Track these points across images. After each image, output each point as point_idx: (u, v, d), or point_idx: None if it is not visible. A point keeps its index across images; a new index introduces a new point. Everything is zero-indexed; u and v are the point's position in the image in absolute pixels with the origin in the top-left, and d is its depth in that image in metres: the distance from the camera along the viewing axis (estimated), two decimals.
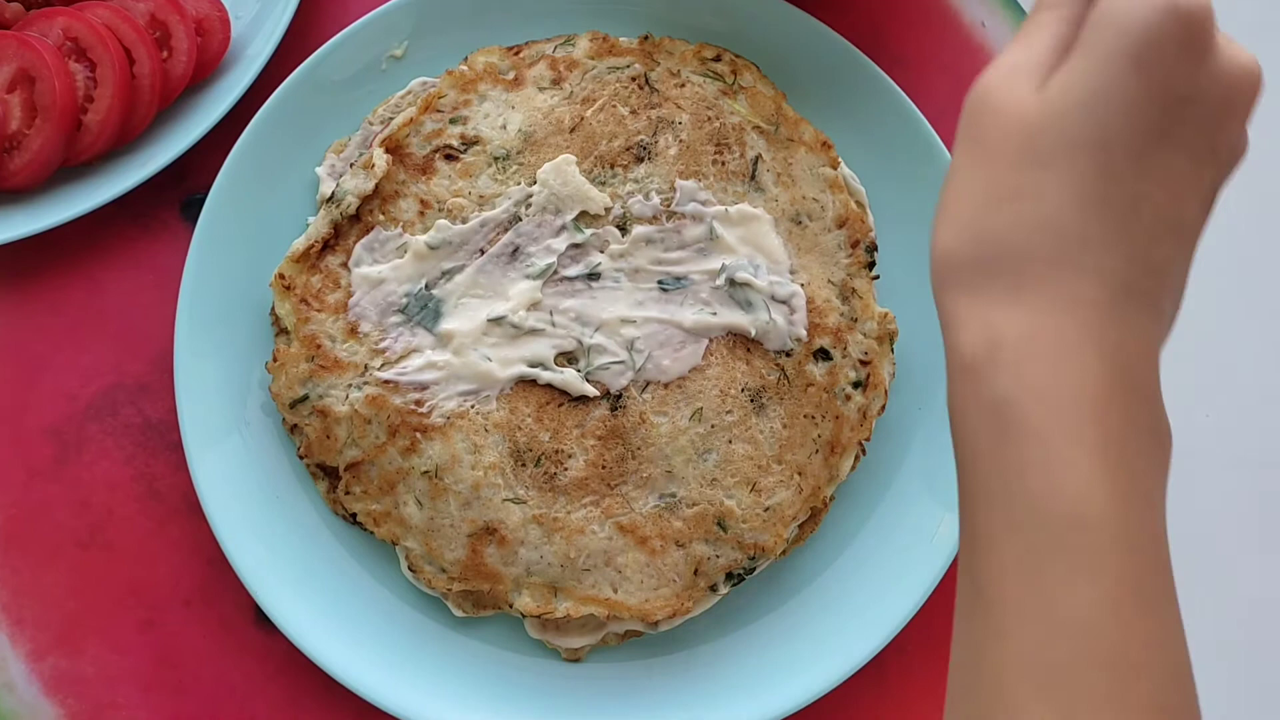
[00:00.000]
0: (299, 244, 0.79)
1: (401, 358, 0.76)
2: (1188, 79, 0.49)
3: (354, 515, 0.78)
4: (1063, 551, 0.46)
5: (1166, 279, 0.51)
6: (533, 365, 0.76)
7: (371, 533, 0.77)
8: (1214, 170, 0.52)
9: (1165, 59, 0.48)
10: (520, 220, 0.78)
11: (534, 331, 0.76)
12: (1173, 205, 0.50)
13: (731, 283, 0.77)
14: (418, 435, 0.75)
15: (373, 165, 0.78)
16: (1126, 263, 0.49)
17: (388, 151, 0.78)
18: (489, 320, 0.76)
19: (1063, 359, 0.48)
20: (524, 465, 0.76)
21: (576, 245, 0.78)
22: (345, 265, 0.78)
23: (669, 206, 0.78)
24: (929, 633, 0.82)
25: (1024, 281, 0.49)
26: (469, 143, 0.79)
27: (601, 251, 0.78)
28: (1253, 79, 0.51)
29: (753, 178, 0.80)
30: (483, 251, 0.77)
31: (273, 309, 0.79)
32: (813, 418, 0.78)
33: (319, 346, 0.77)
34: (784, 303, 0.78)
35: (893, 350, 0.81)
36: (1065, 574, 0.46)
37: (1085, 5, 0.52)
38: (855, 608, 0.80)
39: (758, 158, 0.80)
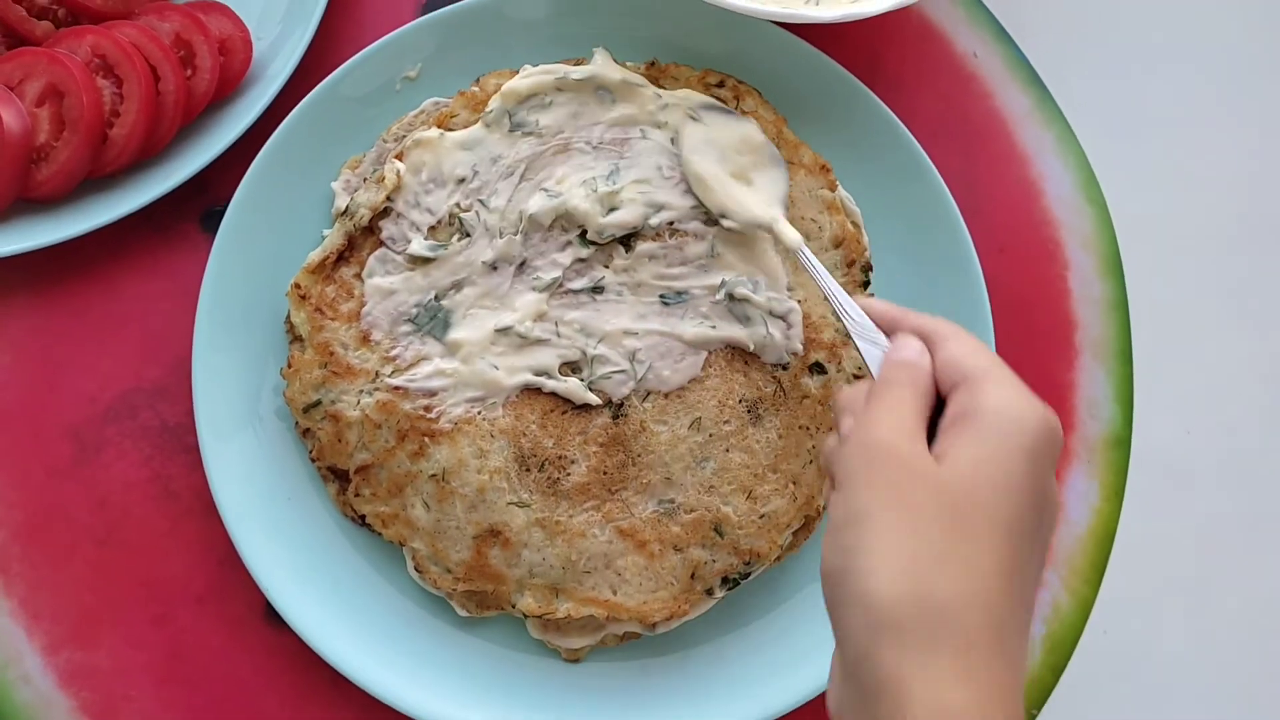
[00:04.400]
0: (314, 256, 0.82)
1: (411, 365, 0.79)
2: (1051, 483, 0.57)
3: (363, 517, 0.81)
4: None
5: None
6: (538, 374, 0.79)
7: (380, 534, 0.80)
8: (1044, 565, 0.58)
9: (1044, 461, 0.56)
10: (528, 236, 0.80)
11: (539, 341, 0.79)
12: (1030, 591, 0.56)
13: (731, 297, 0.80)
14: (426, 440, 0.78)
15: (385, 179, 0.81)
16: (1023, 643, 0.55)
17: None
18: (496, 330, 0.79)
19: None
20: (528, 470, 0.78)
21: (582, 260, 0.81)
22: (358, 276, 0.81)
23: (672, 224, 0.81)
24: None
25: (970, 661, 0.51)
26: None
27: (606, 266, 0.81)
28: (1059, 506, 0.61)
29: None
30: (493, 267, 0.80)
31: (288, 317, 0.82)
32: (807, 429, 0.81)
33: (332, 354, 0.80)
34: (781, 318, 0.81)
35: None
36: None
37: (926, 390, 0.59)
38: None
39: None
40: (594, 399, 0.79)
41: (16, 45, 0.87)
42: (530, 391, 0.79)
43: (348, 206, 0.82)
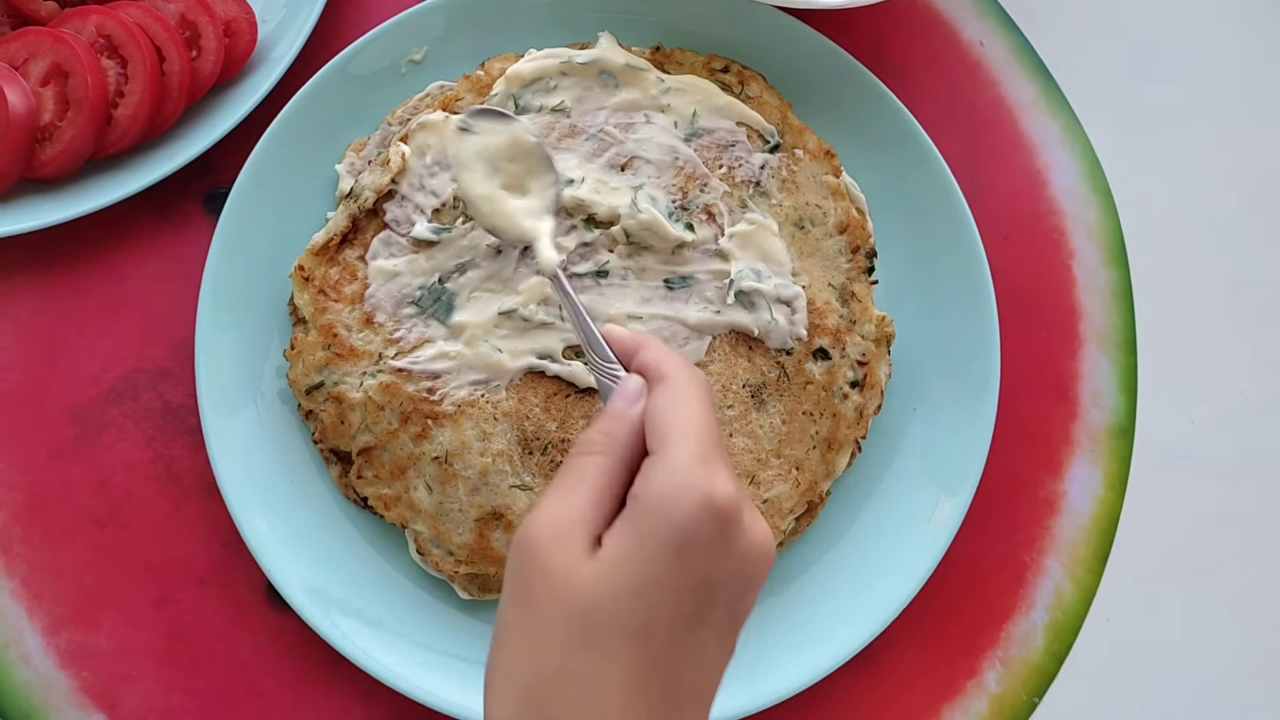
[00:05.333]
0: (318, 237, 0.81)
1: (415, 347, 0.79)
2: (718, 566, 0.53)
3: (365, 499, 0.80)
4: None
5: None
6: (541, 357, 0.79)
7: (382, 516, 0.80)
8: (733, 634, 0.56)
9: (701, 549, 0.52)
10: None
11: (543, 325, 0.79)
12: (701, 679, 0.54)
13: (740, 293, 0.80)
14: (429, 422, 0.78)
15: (389, 162, 0.81)
16: None
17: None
18: (500, 313, 0.79)
19: None
20: (531, 453, 0.78)
21: (586, 244, 0.80)
22: (362, 259, 0.81)
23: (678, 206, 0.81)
24: (918, 626, 0.85)
25: None
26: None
27: (610, 250, 0.80)
28: (768, 554, 0.55)
29: (758, 184, 0.83)
30: (498, 250, 0.80)
31: (291, 299, 0.82)
32: (811, 415, 0.81)
33: (335, 335, 0.80)
34: (786, 304, 0.81)
35: (889, 352, 0.84)
36: None
37: (621, 451, 0.56)
38: (847, 599, 0.82)
39: (763, 165, 0.83)
40: None
41: (21, 25, 0.86)
42: (534, 375, 0.79)
43: (352, 189, 0.82)
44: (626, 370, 0.62)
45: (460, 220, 0.81)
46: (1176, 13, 0.97)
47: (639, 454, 0.56)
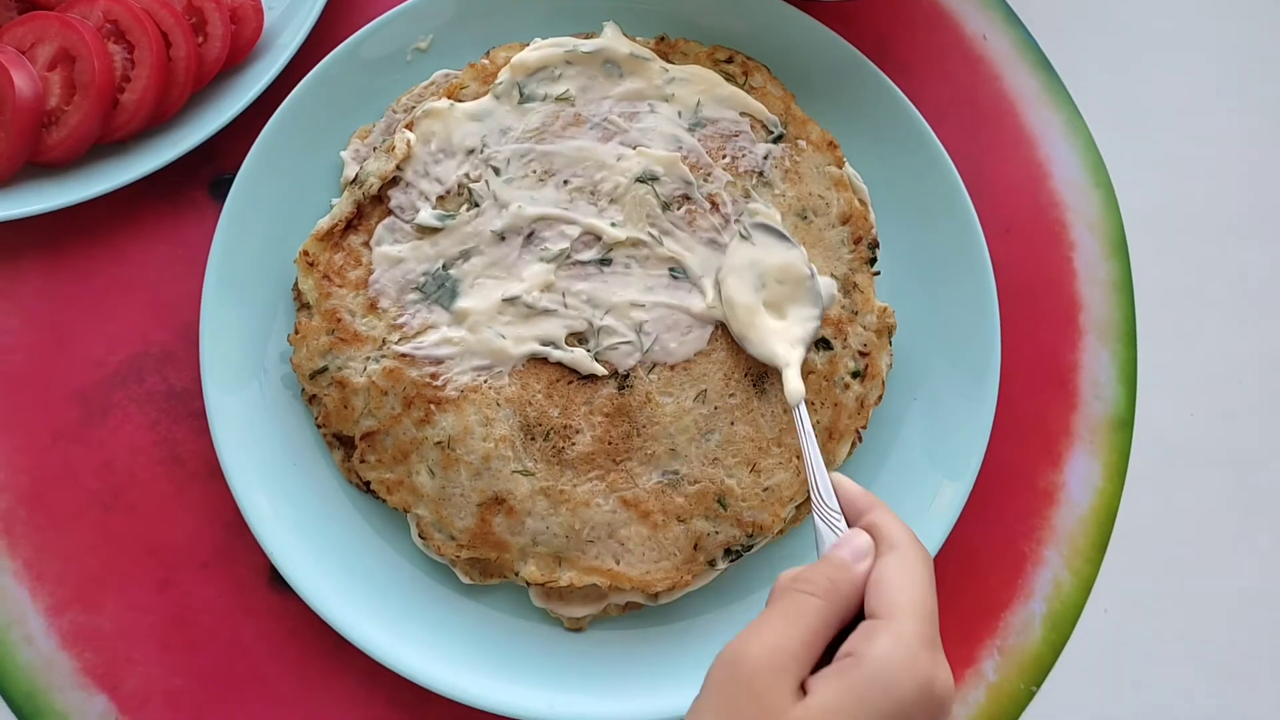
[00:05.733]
0: (323, 223, 0.82)
1: (418, 333, 0.80)
2: None
3: (368, 484, 0.81)
4: None
5: None
6: (544, 344, 0.79)
7: (384, 501, 0.80)
8: None
9: None
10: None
11: (546, 312, 0.79)
12: None
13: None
14: (432, 407, 0.78)
15: (394, 148, 0.81)
16: None
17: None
18: (504, 300, 0.79)
19: None
20: (533, 439, 0.79)
21: (590, 231, 0.81)
22: (367, 244, 0.81)
23: (685, 197, 0.81)
24: None
25: None
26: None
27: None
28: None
29: (761, 174, 0.84)
30: (502, 237, 0.80)
31: (295, 284, 0.83)
32: (812, 404, 0.81)
33: (339, 320, 0.80)
34: None
35: (891, 343, 0.84)
36: None
37: (842, 602, 0.57)
38: None
39: (767, 155, 0.84)
40: (600, 369, 0.79)
41: (29, 9, 0.87)
42: (537, 361, 0.79)
43: (357, 175, 0.83)
44: (848, 524, 0.64)
45: (464, 208, 0.81)
46: (1178, 8, 0.98)
47: (853, 611, 0.58)
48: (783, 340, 0.78)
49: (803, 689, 0.55)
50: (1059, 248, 0.92)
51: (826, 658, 0.57)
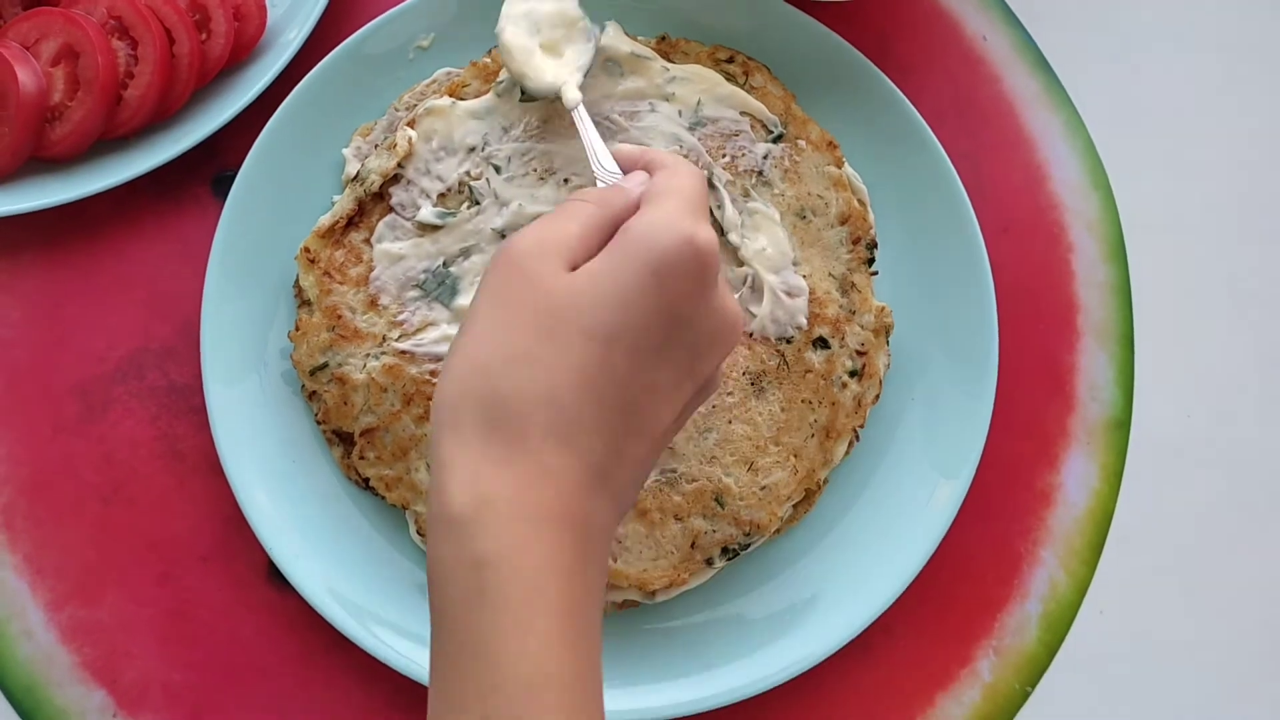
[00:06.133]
0: (324, 220, 0.82)
1: (419, 330, 0.80)
2: (689, 305, 0.57)
3: (367, 480, 0.81)
4: (522, 713, 0.49)
5: (633, 472, 0.57)
6: None
7: (383, 497, 0.80)
8: (690, 390, 0.59)
9: (677, 280, 0.56)
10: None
11: None
12: (652, 410, 0.57)
13: (752, 288, 0.81)
14: (431, 404, 0.78)
15: (396, 146, 0.82)
16: (605, 451, 0.55)
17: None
18: None
19: (541, 528, 0.52)
20: None
21: None
22: (368, 241, 0.82)
23: None
24: (913, 614, 0.85)
25: (517, 447, 0.52)
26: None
27: None
28: (736, 327, 0.60)
29: (761, 174, 0.84)
30: (502, 235, 0.81)
31: (296, 281, 0.83)
32: (810, 403, 0.82)
33: (340, 317, 0.80)
34: (788, 294, 0.82)
35: (888, 343, 0.85)
36: None
37: (614, 210, 0.59)
38: (844, 585, 0.83)
39: (766, 154, 0.84)
40: None
41: (33, 5, 0.87)
42: None
43: (358, 172, 0.83)
44: None
45: (465, 205, 0.81)
46: (1178, 10, 0.98)
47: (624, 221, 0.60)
48: (556, 70, 0.81)
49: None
50: (1057, 249, 0.92)
51: None
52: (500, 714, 0.49)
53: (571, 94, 0.79)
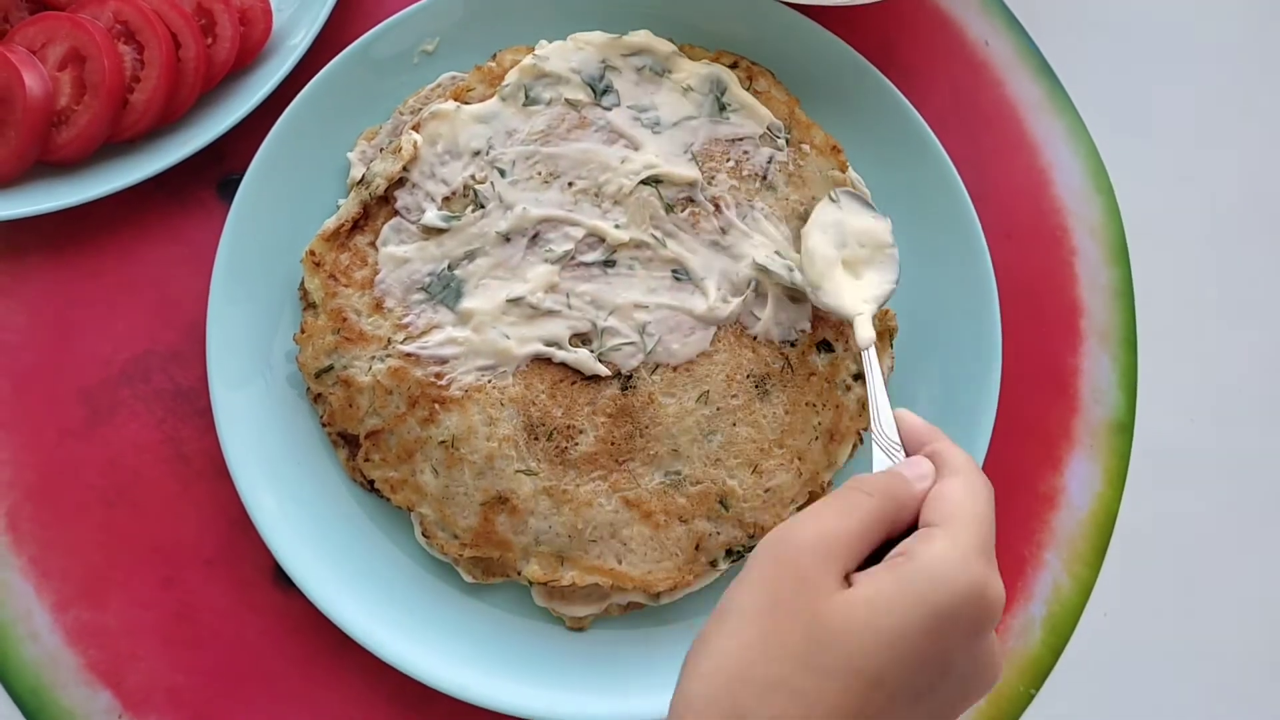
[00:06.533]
0: (330, 224, 0.82)
1: (423, 333, 0.80)
2: (961, 655, 0.53)
3: (372, 482, 0.81)
4: None
5: None
6: (548, 344, 0.80)
7: (388, 499, 0.81)
8: None
9: (957, 631, 0.52)
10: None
11: (550, 312, 0.80)
12: None
13: (758, 284, 0.81)
14: (436, 406, 0.79)
15: (401, 150, 0.82)
16: None
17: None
18: (508, 300, 0.80)
19: None
20: (536, 439, 0.79)
21: (594, 235, 0.81)
22: (373, 245, 0.82)
23: (689, 199, 0.82)
24: None
25: None
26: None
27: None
28: (995, 679, 0.56)
29: (765, 178, 0.84)
30: (506, 238, 0.81)
31: (302, 284, 0.83)
32: (814, 405, 0.82)
33: (345, 320, 0.80)
34: (791, 299, 0.82)
35: (892, 346, 0.85)
36: None
37: (896, 507, 0.57)
38: None
39: (771, 159, 0.84)
40: (603, 370, 0.79)
41: (40, 10, 0.87)
42: (540, 361, 0.80)
43: (364, 176, 0.83)
44: (908, 455, 0.63)
45: (469, 209, 0.82)
46: (1180, 14, 0.98)
47: (905, 524, 0.57)
48: (855, 295, 0.78)
49: (848, 582, 0.54)
50: (1060, 253, 0.92)
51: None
52: None
53: (865, 332, 0.76)
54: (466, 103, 0.84)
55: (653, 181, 0.82)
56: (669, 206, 0.82)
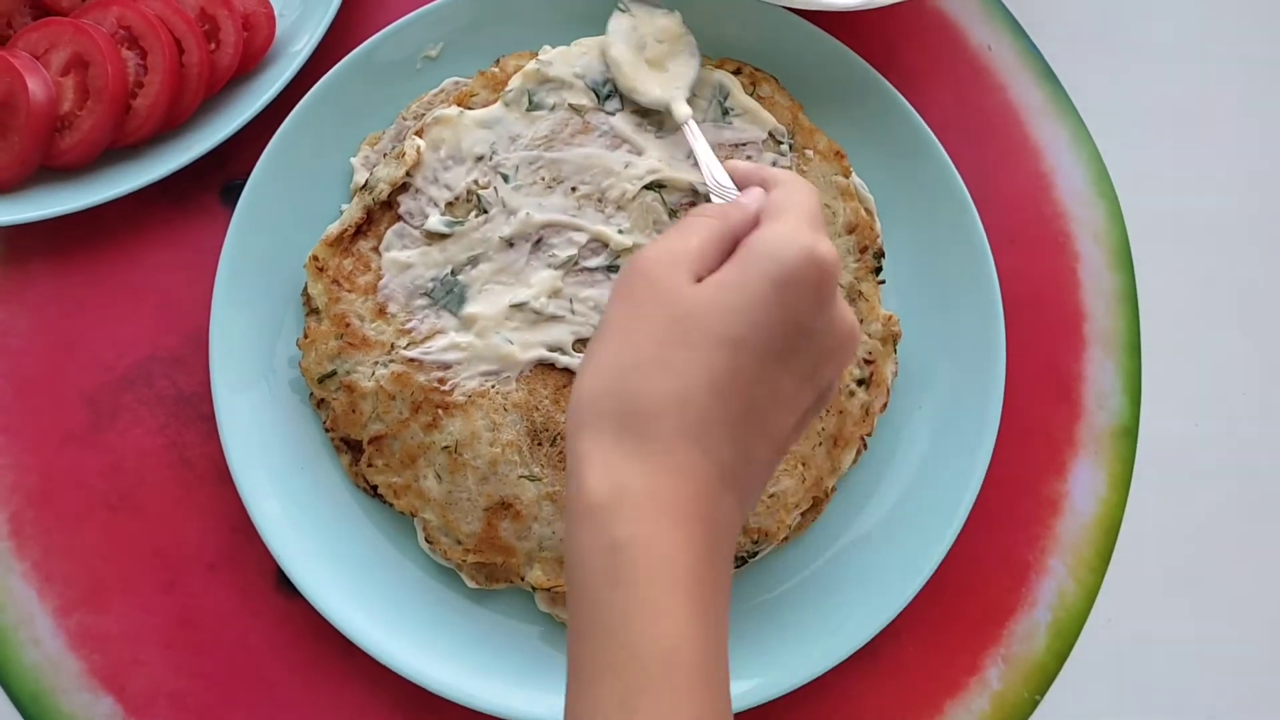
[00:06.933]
0: (333, 229, 0.82)
1: (427, 338, 0.80)
2: (810, 315, 0.59)
3: (375, 487, 0.81)
4: (655, 688, 0.51)
5: (757, 474, 0.59)
6: (552, 349, 0.79)
7: (391, 505, 0.80)
8: (810, 398, 0.61)
9: (799, 291, 0.58)
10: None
11: (554, 318, 0.80)
12: (776, 416, 0.59)
13: None
14: (439, 412, 0.79)
15: (404, 155, 0.82)
16: (733, 452, 0.57)
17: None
18: (511, 305, 0.80)
19: (675, 519, 0.54)
20: (540, 444, 0.79)
21: (597, 238, 0.81)
22: (376, 250, 0.82)
23: (692, 204, 0.82)
24: (921, 622, 0.85)
25: (652, 443, 0.55)
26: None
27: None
28: (854, 338, 0.62)
29: None
30: (510, 243, 0.81)
31: (305, 289, 0.83)
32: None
33: (348, 325, 0.80)
34: None
35: (896, 351, 0.85)
36: (654, 707, 0.51)
37: (734, 225, 0.62)
38: (852, 594, 0.83)
39: (774, 164, 0.84)
40: None
41: (43, 15, 0.88)
42: (544, 367, 0.80)
43: (367, 181, 0.83)
44: None
45: (472, 214, 0.82)
46: (1183, 19, 0.98)
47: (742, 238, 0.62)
48: (663, 85, 0.83)
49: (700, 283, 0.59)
50: (1063, 258, 0.92)
51: None
52: (635, 686, 0.51)
53: (681, 109, 0.82)
54: (470, 108, 0.84)
55: (656, 186, 0.82)
56: (672, 211, 0.82)
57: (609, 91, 0.84)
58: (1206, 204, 0.95)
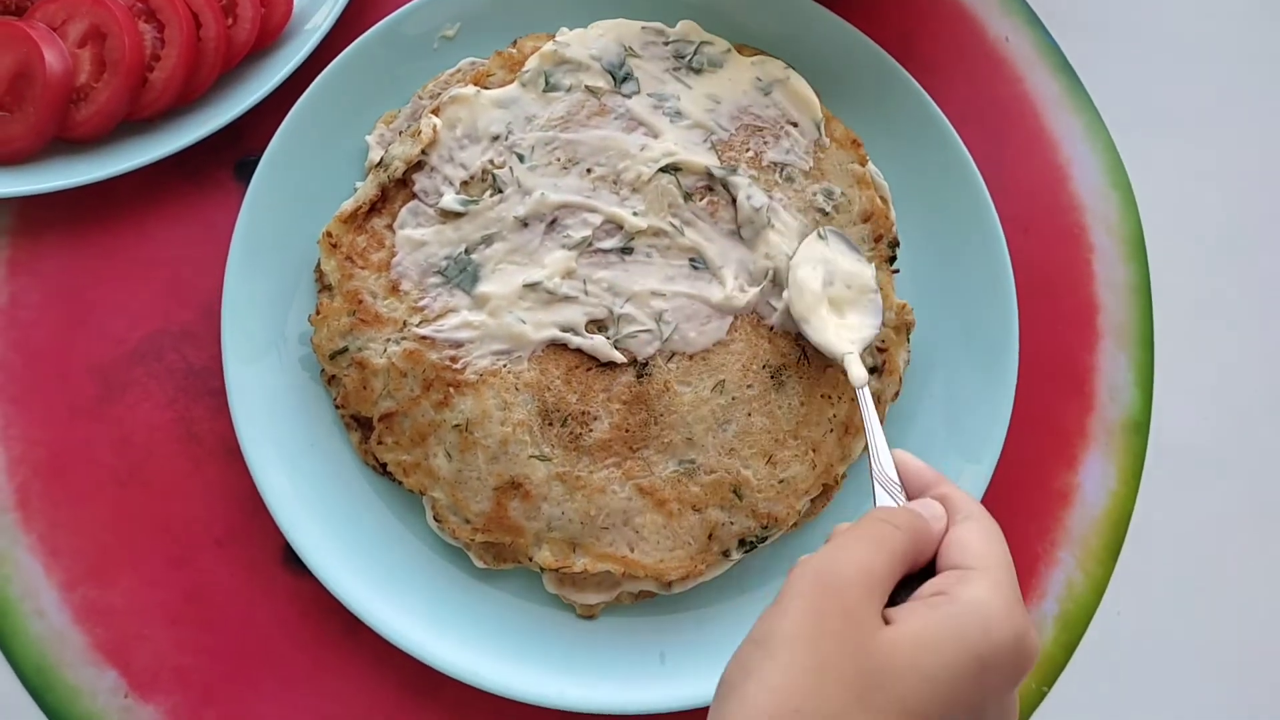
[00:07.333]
0: (347, 205, 0.82)
1: (439, 316, 0.80)
2: (995, 699, 0.54)
3: (384, 465, 0.81)
4: None
5: None
6: (564, 330, 0.79)
7: (400, 483, 0.80)
8: None
9: (995, 678, 0.53)
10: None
11: (567, 298, 0.80)
12: None
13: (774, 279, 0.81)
14: (451, 390, 0.78)
15: (420, 133, 0.82)
16: None
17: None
18: (524, 285, 0.80)
19: None
20: (551, 424, 0.79)
21: (612, 220, 0.81)
22: (390, 227, 0.82)
23: (708, 188, 0.82)
24: None
25: None
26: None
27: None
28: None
29: (784, 169, 0.84)
30: (524, 223, 0.81)
31: (318, 266, 0.83)
32: (829, 397, 0.81)
33: (361, 302, 0.80)
34: None
35: (909, 340, 0.85)
36: None
37: (921, 545, 0.57)
38: None
39: (790, 150, 0.84)
40: (619, 357, 0.79)
41: None
42: (556, 347, 0.80)
43: (382, 159, 0.83)
44: (910, 499, 0.63)
45: (487, 193, 0.81)
46: (1199, 12, 0.98)
47: (920, 563, 0.58)
48: (842, 335, 0.79)
49: (884, 617, 0.54)
50: (1078, 250, 0.92)
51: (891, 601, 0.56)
52: None
53: (858, 371, 0.77)
54: (486, 88, 0.84)
55: (671, 169, 0.82)
56: (687, 195, 0.82)
57: (625, 74, 0.84)
58: (1221, 198, 0.95)
